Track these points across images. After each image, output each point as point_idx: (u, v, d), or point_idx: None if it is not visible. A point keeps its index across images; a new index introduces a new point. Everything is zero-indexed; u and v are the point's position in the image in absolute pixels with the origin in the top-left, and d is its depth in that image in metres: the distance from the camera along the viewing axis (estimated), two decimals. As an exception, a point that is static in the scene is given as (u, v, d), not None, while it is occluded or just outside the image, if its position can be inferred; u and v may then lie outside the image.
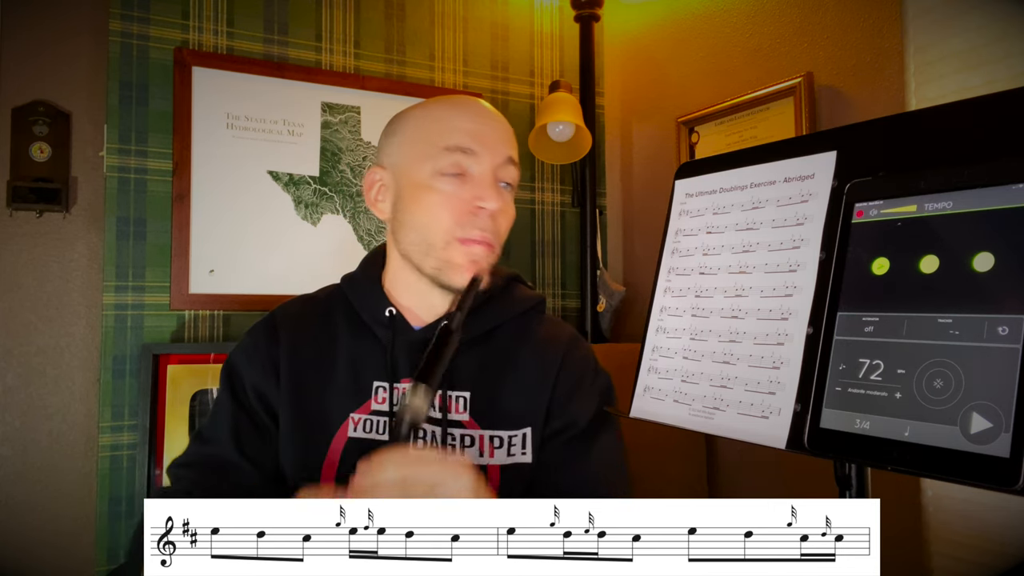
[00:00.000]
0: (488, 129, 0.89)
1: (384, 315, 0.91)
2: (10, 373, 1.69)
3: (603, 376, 0.97)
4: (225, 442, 0.88)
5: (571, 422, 0.90)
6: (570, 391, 0.92)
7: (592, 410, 0.92)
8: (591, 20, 2.13)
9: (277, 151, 1.85)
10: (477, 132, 0.88)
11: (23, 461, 1.68)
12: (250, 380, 0.91)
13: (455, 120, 0.88)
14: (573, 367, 0.94)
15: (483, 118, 0.90)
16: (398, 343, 0.91)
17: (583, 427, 0.90)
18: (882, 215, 0.63)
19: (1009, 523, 1.24)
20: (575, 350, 0.96)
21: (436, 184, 0.87)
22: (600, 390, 0.95)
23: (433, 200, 0.87)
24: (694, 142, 1.98)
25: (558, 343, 0.95)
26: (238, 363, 0.93)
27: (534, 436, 0.89)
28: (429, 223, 0.87)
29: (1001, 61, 1.27)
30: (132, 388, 1.66)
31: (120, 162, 1.69)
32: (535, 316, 0.98)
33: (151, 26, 1.73)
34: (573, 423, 0.90)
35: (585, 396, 0.92)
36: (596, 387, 0.94)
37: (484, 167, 0.87)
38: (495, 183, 0.88)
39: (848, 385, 0.61)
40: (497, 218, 0.88)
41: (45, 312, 1.72)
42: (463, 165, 0.87)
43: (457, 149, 0.86)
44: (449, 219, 0.86)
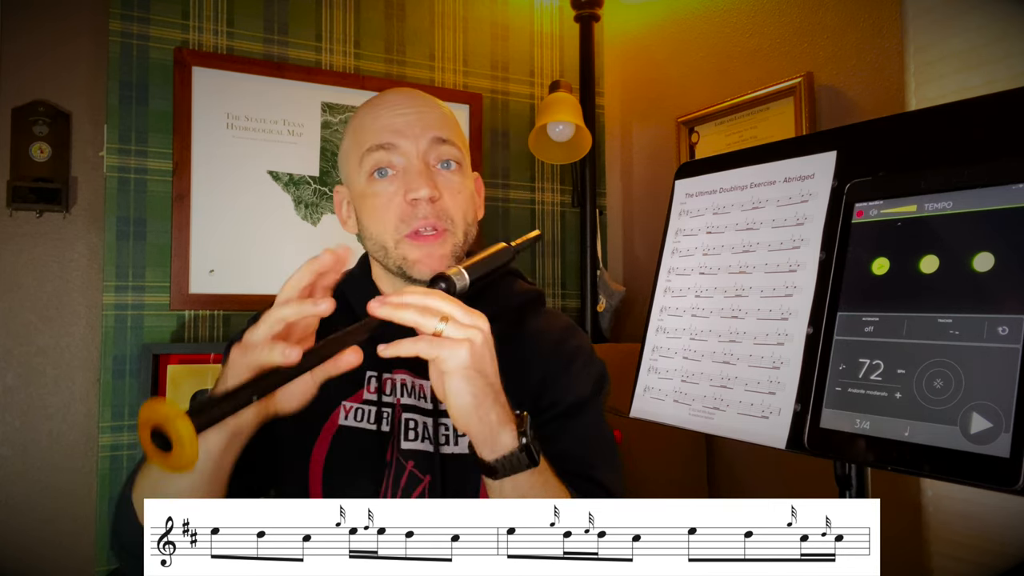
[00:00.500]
0: (404, 119, 0.87)
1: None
2: (10, 373, 1.69)
3: (597, 364, 0.97)
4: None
5: (558, 399, 0.90)
6: (557, 372, 0.92)
7: (580, 392, 0.91)
8: (591, 20, 2.13)
9: (277, 151, 1.85)
10: (392, 125, 0.87)
11: (23, 461, 1.68)
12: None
13: (371, 120, 0.88)
14: (564, 352, 0.94)
15: (399, 107, 0.88)
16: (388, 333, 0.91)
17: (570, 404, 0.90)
18: (882, 215, 0.63)
19: (1009, 523, 1.24)
20: (569, 338, 0.96)
21: (371, 188, 0.87)
22: (592, 375, 0.94)
23: (372, 204, 0.87)
24: (694, 142, 1.98)
25: (553, 331, 0.95)
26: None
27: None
28: (376, 228, 0.88)
29: (1001, 61, 1.28)
30: (132, 388, 1.66)
31: (120, 162, 1.69)
32: (532, 309, 0.98)
33: (151, 26, 1.73)
34: (561, 399, 0.90)
35: (573, 377, 0.92)
36: (587, 371, 0.94)
37: (409, 157, 0.86)
38: (425, 170, 0.86)
39: (848, 385, 0.61)
40: (440, 202, 0.86)
41: (45, 312, 1.72)
42: (387, 161, 0.86)
43: (377, 148, 0.86)
44: (391, 219, 0.86)
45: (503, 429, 0.68)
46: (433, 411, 0.87)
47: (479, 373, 0.66)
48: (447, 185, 0.88)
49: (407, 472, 0.85)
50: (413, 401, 0.88)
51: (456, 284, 0.73)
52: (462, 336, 0.65)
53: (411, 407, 0.88)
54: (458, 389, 0.65)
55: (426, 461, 0.85)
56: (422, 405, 0.88)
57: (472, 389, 0.65)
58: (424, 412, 0.88)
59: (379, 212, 0.87)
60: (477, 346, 0.65)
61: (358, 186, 0.89)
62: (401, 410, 0.87)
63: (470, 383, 0.65)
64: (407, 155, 0.86)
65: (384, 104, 0.90)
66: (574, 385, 0.91)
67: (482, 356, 0.66)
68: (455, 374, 0.65)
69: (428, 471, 0.85)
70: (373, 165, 0.86)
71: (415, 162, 0.86)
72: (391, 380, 0.89)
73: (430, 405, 0.88)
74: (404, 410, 0.87)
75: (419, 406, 0.88)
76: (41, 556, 1.68)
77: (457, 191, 0.89)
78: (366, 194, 0.88)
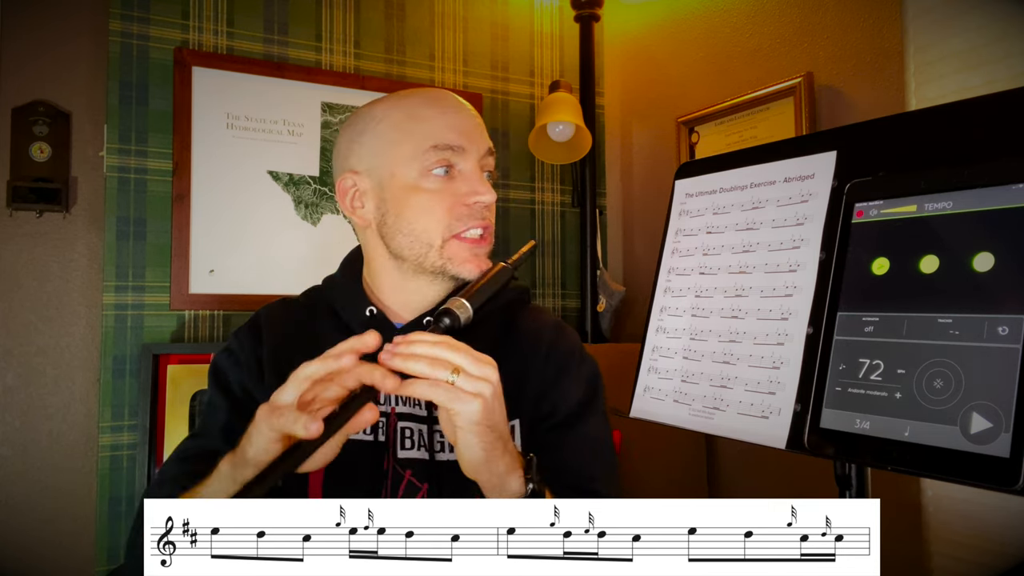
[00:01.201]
0: (471, 124, 0.90)
1: (364, 314, 0.91)
2: (10, 373, 1.69)
3: (589, 363, 0.97)
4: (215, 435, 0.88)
5: (555, 408, 0.90)
6: (555, 378, 0.91)
7: (577, 396, 0.91)
8: (591, 20, 2.13)
9: (277, 151, 1.85)
10: (462, 127, 0.88)
11: (23, 461, 1.68)
12: (236, 379, 0.92)
13: (439, 117, 0.88)
14: (558, 355, 0.93)
15: (464, 113, 0.90)
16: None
17: (568, 412, 0.90)
18: (882, 215, 0.64)
19: (1009, 523, 1.24)
20: (560, 339, 0.96)
21: (425, 184, 0.87)
22: (586, 376, 0.94)
23: (425, 200, 0.87)
24: (694, 142, 1.98)
25: (542, 333, 0.95)
26: (223, 364, 0.93)
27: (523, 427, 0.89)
28: (426, 223, 0.87)
29: (1001, 61, 1.28)
30: (132, 388, 1.66)
31: (120, 162, 1.69)
32: (519, 307, 0.97)
33: (151, 26, 1.73)
34: (557, 409, 0.90)
35: (570, 382, 0.92)
36: (581, 373, 0.94)
37: (471, 162, 0.88)
38: (483, 176, 0.89)
39: (848, 385, 0.61)
40: (491, 208, 0.90)
41: (45, 312, 1.72)
42: (452, 161, 0.87)
43: (447, 147, 0.86)
44: (445, 217, 0.87)
45: (511, 476, 0.70)
46: (428, 418, 0.87)
47: (489, 427, 0.67)
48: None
49: (405, 481, 0.85)
50: (408, 409, 0.88)
51: (460, 317, 0.74)
52: (474, 390, 0.66)
53: (406, 415, 0.87)
54: (469, 443, 0.67)
55: (423, 469, 0.85)
56: (417, 412, 0.88)
57: (482, 443, 0.67)
58: (419, 419, 0.87)
59: (434, 207, 0.87)
60: (488, 400, 0.66)
61: (407, 178, 0.87)
62: (396, 419, 0.87)
63: (481, 438, 0.66)
64: (470, 159, 0.88)
65: (444, 102, 0.90)
66: (571, 392, 0.91)
67: (492, 409, 0.67)
68: (466, 429, 0.66)
69: (426, 479, 0.85)
70: (436, 161, 0.86)
71: (476, 168, 0.89)
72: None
73: (424, 412, 0.87)
74: (400, 419, 0.87)
75: (414, 413, 0.87)
76: (41, 556, 1.68)
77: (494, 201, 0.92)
78: (419, 188, 0.87)
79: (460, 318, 0.74)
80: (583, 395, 0.92)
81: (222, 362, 0.94)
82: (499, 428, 0.69)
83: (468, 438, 0.66)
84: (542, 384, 0.91)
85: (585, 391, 0.92)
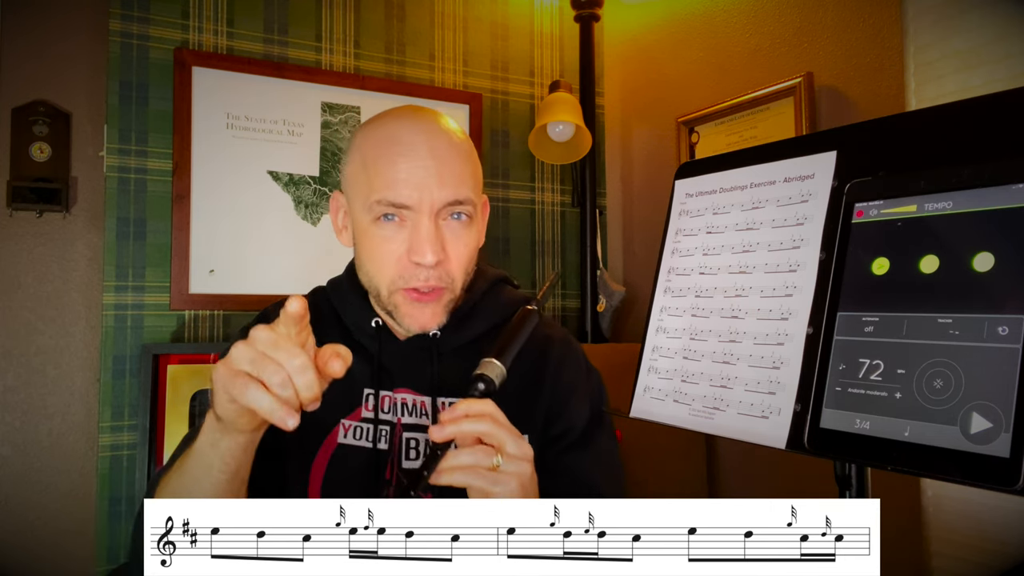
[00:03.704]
0: (424, 173, 0.80)
1: (371, 326, 0.90)
2: (10, 373, 1.69)
3: (595, 375, 0.97)
4: None
5: (569, 427, 0.90)
6: (566, 395, 0.91)
7: (587, 413, 0.92)
8: (591, 20, 2.13)
9: (277, 151, 1.85)
10: (408, 180, 0.80)
11: (23, 461, 1.68)
12: None
13: (386, 163, 0.81)
14: (567, 370, 0.93)
15: (419, 157, 0.80)
16: (386, 352, 0.90)
17: (580, 431, 0.90)
18: (882, 215, 0.63)
19: (1009, 523, 1.24)
20: (568, 353, 0.95)
21: (375, 230, 0.82)
22: (593, 391, 0.95)
23: (373, 247, 0.83)
24: (694, 142, 1.98)
25: (550, 346, 0.94)
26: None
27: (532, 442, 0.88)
28: (372, 270, 0.84)
29: (1001, 61, 1.28)
30: (132, 388, 1.66)
31: (120, 162, 1.69)
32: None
33: (151, 26, 1.73)
34: (571, 428, 0.90)
35: (581, 399, 0.92)
36: (590, 388, 0.94)
37: (421, 215, 0.80)
38: (435, 232, 0.80)
39: (848, 385, 0.61)
40: (443, 263, 0.82)
41: (45, 312, 1.72)
42: (397, 213, 0.81)
43: (388, 203, 0.80)
44: (391, 270, 0.82)
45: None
46: None
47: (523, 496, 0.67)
48: (453, 241, 0.83)
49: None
50: (415, 420, 0.87)
51: (496, 382, 0.72)
52: (515, 471, 0.66)
53: (412, 426, 0.87)
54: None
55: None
56: (424, 423, 0.87)
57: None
58: (425, 431, 0.87)
59: (378, 259, 0.83)
60: (526, 479, 0.67)
61: (361, 222, 0.84)
62: (402, 430, 0.87)
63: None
64: (419, 212, 0.80)
65: (402, 144, 0.81)
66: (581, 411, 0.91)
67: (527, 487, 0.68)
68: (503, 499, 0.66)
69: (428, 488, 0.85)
70: (381, 213, 0.81)
71: (426, 222, 0.80)
72: (390, 398, 0.89)
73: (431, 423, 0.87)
74: (405, 429, 0.87)
75: (421, 424, 0.87)
76: (41, 556, 1.68)
77: (463, 245, 0.84)
78: (369, 234, 0.83)
79: (495, 382, 0.72)
80: (591, 411, 0.92)
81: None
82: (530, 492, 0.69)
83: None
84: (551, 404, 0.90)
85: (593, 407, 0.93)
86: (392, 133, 0.83)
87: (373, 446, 0.86)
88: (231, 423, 0.63)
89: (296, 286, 1.73)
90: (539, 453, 0.89)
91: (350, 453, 0.87)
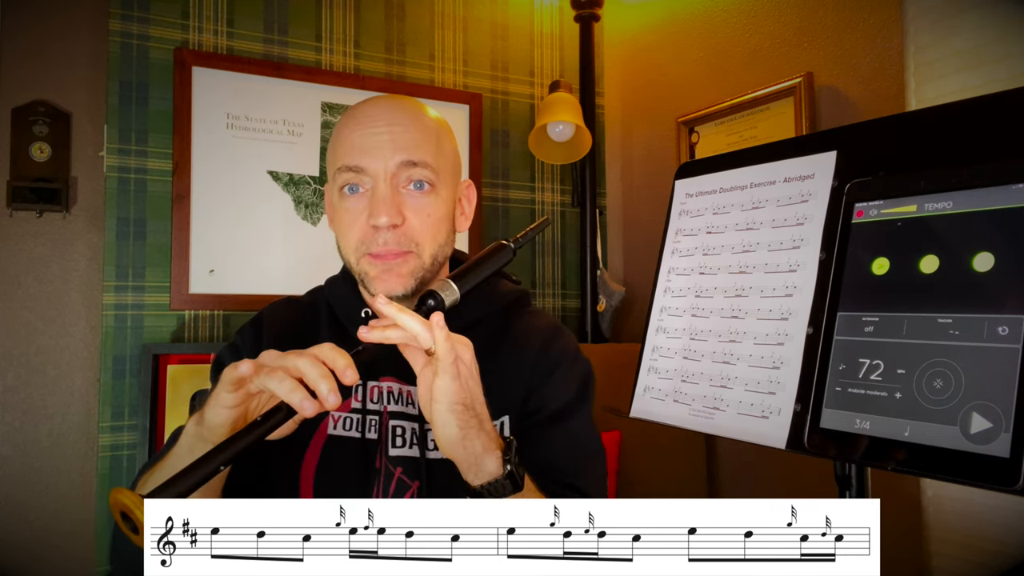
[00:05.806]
0: (376, 139, 0.85)
1: (359, 315, 0.92)
2: (10, 373, 1.69)
3: (582, 363, 0.97)
4: None
5: (542, 404, 0.90)
6: (544, 375, 0.92)
7: (566, 395, 0.92)
8: (591, 20, 2.13)
9: (277, 151, 1.85)
10: (364, 145, 0.85)
11: (23, 461, 1.68)
12: None
13: (345, 135, 0.87)
14: (551, 354, 0.94)
15: (373, 125, 0.86)
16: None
17: (554, 409, 0.90)
18: (882, 215, 0.64)
19: (1009, 523, 1.24)
20: (555, 339, 0.96)
21: (341, 203, 0.87)
22: (577, 376, 0.94)
23: (340, 219, 0.88)
24: (694, 142, 1.98)
25: (538, 334, 0.95)
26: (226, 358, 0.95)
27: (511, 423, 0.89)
28: (344, 241, 0.89)
29: (1001, 61, 1.28)
30: (132, 388, 1.66)
31: (120, 162, 1.69)
32: (517, 310, 0.98)
33: (151, 26, 1.73)
34: (544, 405, 0.90)
35: (559, 380, 0.92)
36: (573, 373, 0.94)
37: (376, 180, 0.85)
38: (391, 194, 0.84)
39: (848, 385, 0.61)
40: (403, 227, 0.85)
41: (45, 312, 1.72)
42: (356, 180, 0.85)
43: (346, 169, 0.85)
44: (355, 237, 0.86)
45: (488, 456, 0.70)
46: (420, 416, 0.88)
47: (465, 406, 0.68)
48: (415, 208, 0.86)
49: (396, 479, 0.85)
50: (401, 408, 0.88)
51: (446, 300, 0.71)
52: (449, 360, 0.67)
53: (399, 414, 0.88)
54: (445, 421, 0.68)
55: (413, 466, 0.86)
56: (410, 411, 0.88)
57: (458, 421, 0.68)
58: (411, 418, 0.88)
59: (344, 229, 0.87)
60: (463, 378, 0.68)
61: (331, 195, 0.91)
62: (388, 418, 0.88)
63: (456, 415, 0.68)
64: (375, 177, 0.85)
65: (359, 118, 0.87)
66: (558, 391, 0.91)
67: (467, 388, 0.69)
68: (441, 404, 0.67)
69: (416, 476, 0.85)
70: (343, 183, 0.86)
71: (381, 185, 0.84)
72: (377, 388, 0.90)
73: (417, 411, 0.88)
74: (392, 417, 0.88)
75: (407, 412, 0.88)
76: (41, 556, 1.68)
77: (426, 214, 0.86)
78: (337, 208, 0.89)
79: (445, 301, 0.71)
80: (571, 394, 0.92)
81: (225, 356, 0.95)
82: (475, 407, 0.69)
83: (444, 415, 0.68)
84: (531, 381, 0.91)
85: (574, 391, 0.93)
86: (359, 111, 0.89)
87: (362, 436, 0.86)
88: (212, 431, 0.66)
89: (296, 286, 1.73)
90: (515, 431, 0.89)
91: (340, 444, 0.87)
